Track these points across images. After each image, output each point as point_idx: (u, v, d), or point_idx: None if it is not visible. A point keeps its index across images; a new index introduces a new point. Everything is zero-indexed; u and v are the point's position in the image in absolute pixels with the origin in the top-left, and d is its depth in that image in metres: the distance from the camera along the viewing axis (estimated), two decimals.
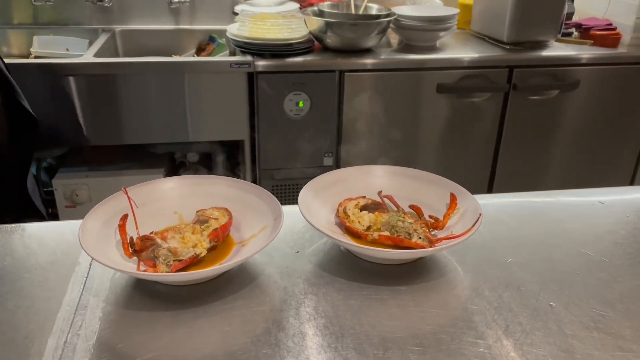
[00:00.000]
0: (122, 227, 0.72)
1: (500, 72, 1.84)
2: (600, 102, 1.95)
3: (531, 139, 1.97)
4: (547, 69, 1.87)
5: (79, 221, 0.70)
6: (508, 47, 1.88)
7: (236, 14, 1.92)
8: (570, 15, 2.09)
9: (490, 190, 2.03)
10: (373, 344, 0.60)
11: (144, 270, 0.67)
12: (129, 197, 0.75)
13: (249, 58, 1.70)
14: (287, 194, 1.88)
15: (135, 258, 0.70)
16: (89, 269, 0.71)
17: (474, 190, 0.81)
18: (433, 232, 0.77)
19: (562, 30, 1.97)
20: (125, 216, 0.73)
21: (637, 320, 0.66)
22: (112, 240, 0.72)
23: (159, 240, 0.69)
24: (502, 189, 2.01)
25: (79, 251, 0.74)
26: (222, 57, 1.94)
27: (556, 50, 1.90)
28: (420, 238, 0.73)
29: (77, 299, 0.66)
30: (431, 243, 0.73)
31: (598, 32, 1.95)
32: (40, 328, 0.61)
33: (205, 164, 1.96)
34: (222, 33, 1.95)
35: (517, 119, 1.92)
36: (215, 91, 1.71)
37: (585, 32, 1.99)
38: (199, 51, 2.10)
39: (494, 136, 1.94)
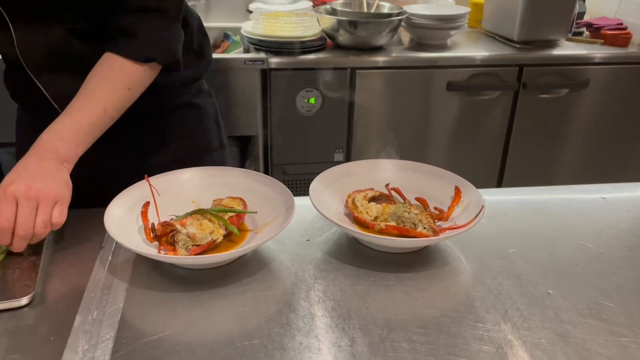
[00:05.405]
0: (144, 214, 0.77)
1: (510, 71, 1.86)
2: (610, 102, 1.95)
3: (541, 137, 1.98)
4: (557, 67, 1.88)
5: (103, 209, 0.74)
6: (518, 46, 1.90)
7: (250, 12, 1.97)
8: (581, 14, 2.10)
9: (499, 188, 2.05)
10: (378, 325, 0.64)
11: (165, 254, 0.72)
12: (150, 185, 0.79)
13: (262, 55, 1.74)
14: (298, 189, 1.92)
15: (156, 242, 0.74)
16: (113, 252, 0.76)
17: (483, 188, 0.84)
18: (438, 223, 0.81)
19: (573, 30, 1.98)
20: (147, 203, 0.78)
21: (632, 308, 0.69)
22: (134, 226, 0.76)
23: (178, 226, 0.73)
24: (511, 187, 2.03)
25: (104, 235, 0.78)
26: (237, 54, 1.98)
27: (566, 49, 1.92)
28: (425, 228, 0.77)
29: (102, 279, 0.71)
30: (435, 233, 0.76)
31: (609, 32, 1.96)
32: (69, 306, 0.66)
33: None
34: (237, 30, 1.99)
35: (527, 118, 1.94)
36: (230, 87, 1.75)
37: (596, 32, 2.00)
38: (214, 48, 2.14)
39: (503, 134, 1.96)
